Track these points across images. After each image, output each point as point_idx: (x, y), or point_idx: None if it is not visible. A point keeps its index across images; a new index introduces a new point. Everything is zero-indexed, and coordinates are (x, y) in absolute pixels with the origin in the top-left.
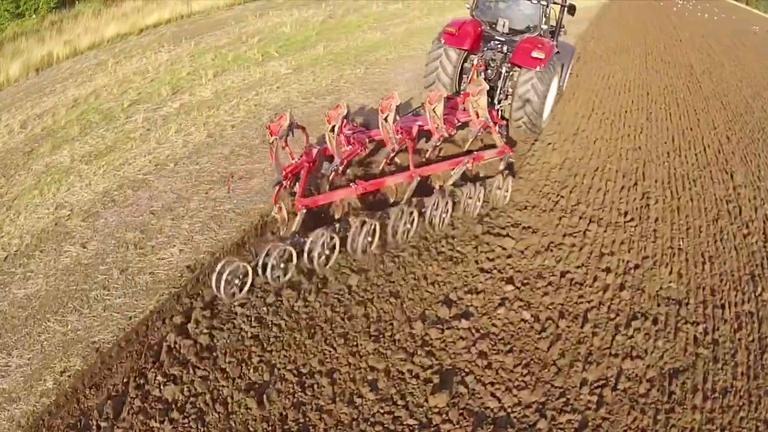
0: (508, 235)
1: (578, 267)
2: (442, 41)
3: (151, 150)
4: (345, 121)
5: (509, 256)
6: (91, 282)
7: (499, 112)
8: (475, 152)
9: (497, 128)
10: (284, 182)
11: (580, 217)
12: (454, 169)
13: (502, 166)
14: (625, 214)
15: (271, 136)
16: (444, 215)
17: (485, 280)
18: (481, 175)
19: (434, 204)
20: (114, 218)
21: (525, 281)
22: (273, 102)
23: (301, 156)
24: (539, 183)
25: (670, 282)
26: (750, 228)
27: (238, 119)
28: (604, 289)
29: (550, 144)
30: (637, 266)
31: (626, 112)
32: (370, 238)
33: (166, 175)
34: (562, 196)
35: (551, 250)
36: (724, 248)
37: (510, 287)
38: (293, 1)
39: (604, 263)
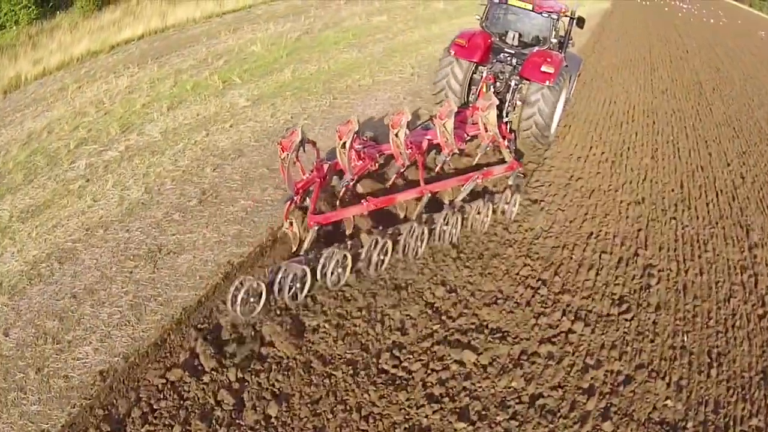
0: (469, 344)
1: (554, 388)
2: (452, 53)
3: (85, 209)
4: (356, 135)
5: (467, 377)
6: (10, 380)
7: (508, 125)
8: (485, 168)
9: (506, 143)
10: (295, 198)
11: (564, 312)
12: (464, 185)
13: (510, 182)
14: (620, 301)
15: (283, 152)
16: (454, 231)
17: (432, 413)
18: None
19: (444, 220)
20: (38, 298)
21: (483, 413)
22: (222, 145)
23: (312, 171)
24: (517, 263)
25: (667, 399)
26: (766, 306)
27: (180, 169)
28: (582, 420)
29: (537, 201)
30: (627, 379)
31: (629, 148)
32: (383, 257)
33: (94, 244)
34: (543, 282)
35: (522, 365)
36: (734, 339)
37: (462, 424)
38: (272, 13)
39: (586, 380)
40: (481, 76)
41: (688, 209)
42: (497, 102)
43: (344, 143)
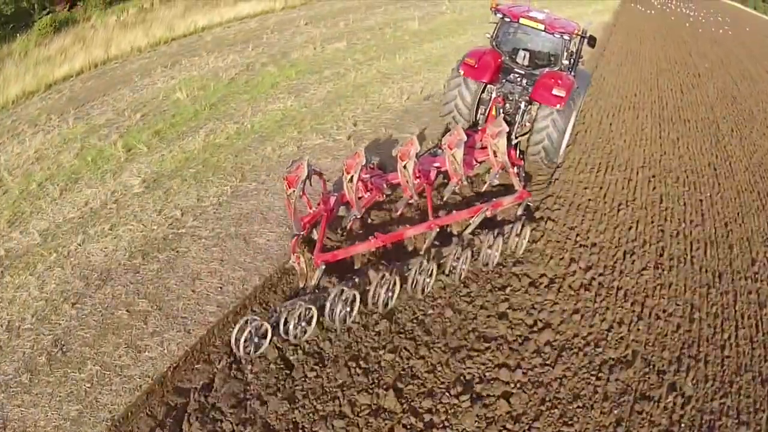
0: None
1: None
2: (461, 72)
3: None
4: (363, 167)
5: None
6: None
7: (518, 149)
8: (494, 199)
9: (515, 170)
10: (302, 233)
11: None
12: (473, 217)
13: (520, 211)
14: None
15: (289, 188)
16: (463, 266)
17: None
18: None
19: (454, 255)
20: None
21: None
22: (93, 260)
23: (319, 204)
24: None
25: None
26: None
27: (44, 298)
28: None
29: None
30: None
31: (625, 253)
32: (390, 293)
33: None
34: None
35: None
36: None
37: None
38: (221, 40)
39: None
40: (490, 96)
41: (696, 367)
42: (507, 129)
43: (351, 177)
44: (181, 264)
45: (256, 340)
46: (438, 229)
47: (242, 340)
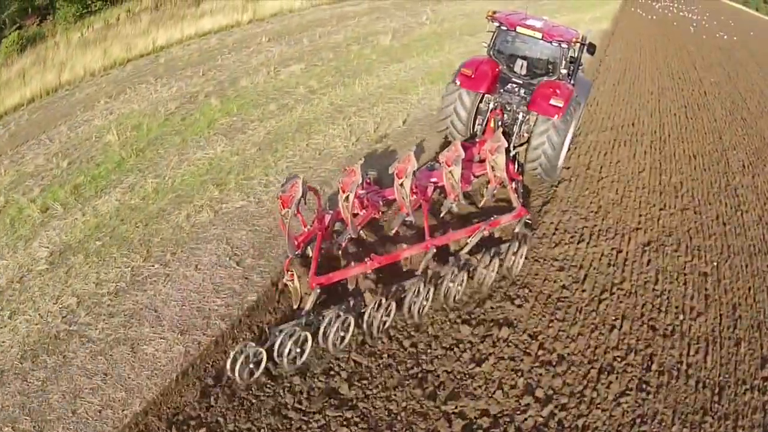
0: None
1: None
2: (458, 83)
3: None
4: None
5: None
6: None
7: (516, 162)
8: (492, 218)
9: (514, 185)
10: (297, 253)
11: None
12: (470, 236)
13: (517, 229)
14: None
15: (283, 208)
16: (459, 288)
17: None
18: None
19: (451, 275)
20: None
21: None
22: None
23: (313, 222)
24: None
25: None
26: None
27: None
28: None
29: None
30: None
31: (601, 371)
32: (385, 318)
33: None
34: None
35: None
36: None
37: None
38: (174, 64)
39: None
40: (488, 107)
41: None
42: (506, 144)
43: (347, 196)
44: (66, 375)
45: (251, 366)
46: (435, 250)
47: (237, 366)
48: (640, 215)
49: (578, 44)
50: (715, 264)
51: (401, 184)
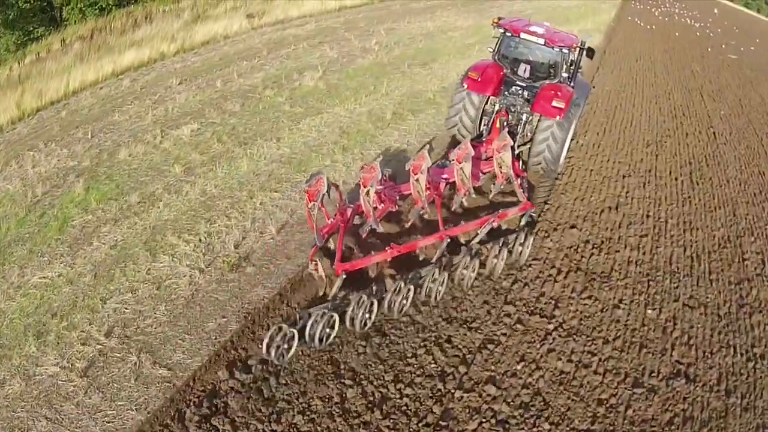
0: None
1: None
2: (465, 86)
3: None
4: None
5: None
6: None
7: (520, 158)
8: (500, 210)
9: (519, 181)
10: (322, 243)
11: None
12: (480, 227)
13: (523, 222)
14: None
15: (310, 201)
16: (472, 274)
17: None
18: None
19: (463, 263)
20: None
21: None
22: None
23: (336, 215)
24: None
25: None
26: None
27: None
28: None
29: None
30: None
31: None
32: (405, 301)
33: None
34: None
35: None
36: None
37: None
38: (72, 118)
39: None
40: (493, 108)
41: None
42: (512, 143)
43: (368, 190)
44: None
45: (285, 346)
46: (449, 240)
47: (273, 347)
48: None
49: (578, 49)
50: None
51: (417, 180)
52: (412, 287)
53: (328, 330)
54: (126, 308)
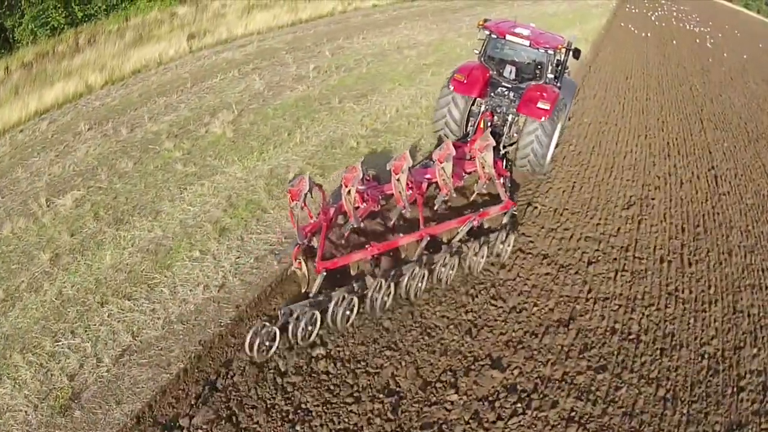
0: None
1: None
2: (451, 88)
3: None
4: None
5: None
6: None
7: (504, 161)
8: (481, 209)
9: (501, 180)
10: (304, 241)
11: None
12: (461, 226)
13: (505, 220)
14: None
15: (292, 201)
16: (451, 272)
17: None
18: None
19: (443, 261)
20: None
21: None
22: None
23: (319, 215)
24: None
25: None
26: None
27: None
28: None
29: None
30: None
31: None
32: (386, 298)
33: None
34: None
35: None
36: None
37: None
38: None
39: None
40: (479, 109)
41: None
42: (494, 143)
43: (350, 190)
44: None
45: (267, 343)
46: (429, 238)
47: (256, 344)
48: None
49: (564, 50)
50: None
51: (398, 180)
52: (393, 284)
53: (310, 327)
54: None
